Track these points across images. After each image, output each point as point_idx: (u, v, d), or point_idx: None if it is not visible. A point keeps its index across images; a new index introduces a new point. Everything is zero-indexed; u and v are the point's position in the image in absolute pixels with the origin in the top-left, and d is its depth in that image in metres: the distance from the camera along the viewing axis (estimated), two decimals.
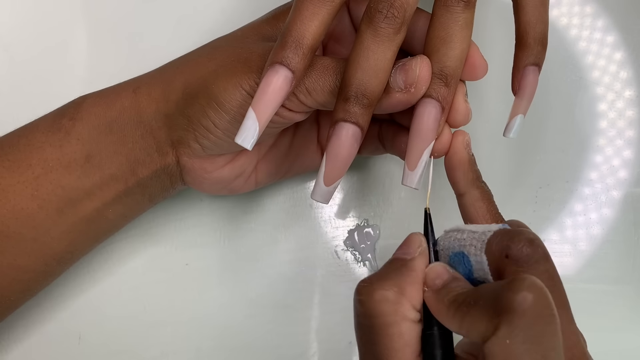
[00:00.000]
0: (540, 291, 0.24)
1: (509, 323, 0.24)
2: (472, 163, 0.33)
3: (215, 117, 0.33)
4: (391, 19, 0.29)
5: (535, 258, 0.26)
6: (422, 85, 0.30)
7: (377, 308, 0.28)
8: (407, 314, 0.28)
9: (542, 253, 0.27)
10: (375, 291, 0.28)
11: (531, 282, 0.24)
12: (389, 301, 0.28)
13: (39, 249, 0.35)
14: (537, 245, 0.27)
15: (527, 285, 0.24)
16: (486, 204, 0.32)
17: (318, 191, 0.31)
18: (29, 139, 0.35)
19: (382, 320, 0.27)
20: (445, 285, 0.28)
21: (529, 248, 0.26)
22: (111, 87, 0.36)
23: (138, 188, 0.36)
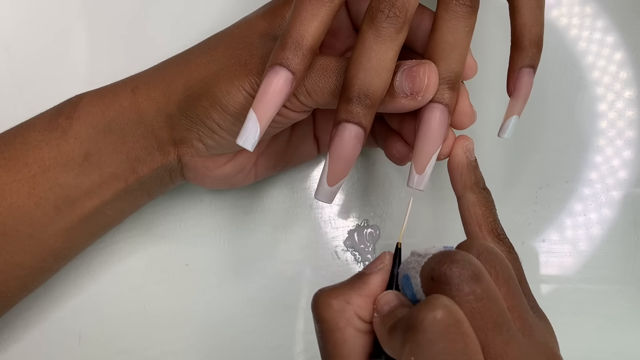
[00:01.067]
0: (446, 309, 0.25)
1: (412, 340, 0.25)
2: (471, 167, 0.33)
3: (219, 119, 0.33)
4: (393, 19, 0.29)
5: (459, 280, 0.26)
6: (429, 93, 0.30)
7: (323, 314, 0.29)
8: (352, 321, 0.29)
9: (469, 274, 0.26)
10: (324, 298, 0.29)
11: (439, 302, 0.25)
12: (333, 308, 0.29)
13: (35, 245, 0.35)
14: (462, 267, 0.26)
15: (433, 305, 0.25)
16: (482, 209, 0.32)
17: (321, 191, 0.31)
18: (25, 137, 0.35)
19: (327, 325, 0.29)
20: (390, 312, 0.28)
21: (451, 270, 0.26)
22: (108, 86, 0.36)
23: (138, 185, 0.36)
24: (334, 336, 0.29)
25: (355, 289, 0.30)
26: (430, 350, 0.24)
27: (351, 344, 0.29)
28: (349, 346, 0.29)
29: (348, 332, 0.29)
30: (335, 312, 0.29)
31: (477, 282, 0.26)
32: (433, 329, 0.24)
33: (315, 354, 0.41)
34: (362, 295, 0.29)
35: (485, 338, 0.26)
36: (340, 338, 0.29)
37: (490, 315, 0.26)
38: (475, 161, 0.33)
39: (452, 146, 0.33)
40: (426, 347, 0.24)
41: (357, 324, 0.29)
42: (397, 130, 0.35)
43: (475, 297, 0.26)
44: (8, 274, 0.35)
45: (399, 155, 0.35)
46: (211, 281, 0.41)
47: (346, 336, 0.29)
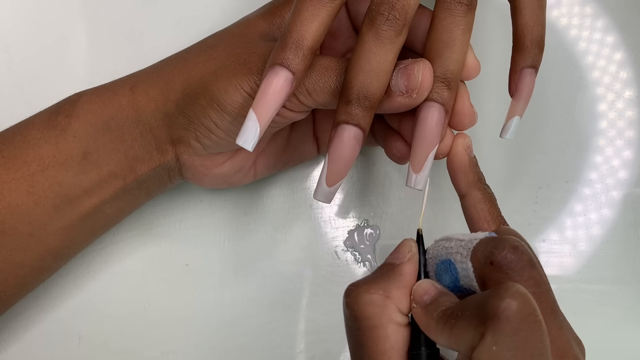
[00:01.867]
0: (524, 298, 0.25)
1: (494, 330, 0.24)
2: (473, 165, 0.33)
3: (217, 118, 0.33)
4: (393, 22, 0.29)
5: (520, 265, 0.27)
6: (424, 91, 0.30)
7: (363, 311, 0.28)
8: (393, 317, 0.28)
9: (526, 260, 0.27)
10: (362, 294, 0.28)
11: (515, 289, 0.25)
12: (375, 304, 0.28)
13: (34, 244, 0.35)
14: (522, 252, 0.27)
15: (512, 293, 0.25)
16: (488, 205, 0.32)
17: (320, 191, 0.31)
18: (24, 135, 0.35)
19: (368, 322, 0.28)
20: (433, 301, 0.28)
21: (512, 255, 0.27)
22: (107, 85, 0.36)
23: (136, 184, 0.36)
24: (376, 333, 0.28)
25: (392, 282, 0.29)
26: (513, 339, 0.24)
27: (393, 339, 0.28)
28: (391, 342, 0.28)
29: (390, 327, 0.28)
30: (377, 308, 0.28)
31: (534, 267, 0.27)
32: (517, 317, 0.24)
33: (315, 355, 0.41)
34: (401, 287, 0.29)
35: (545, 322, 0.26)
36: (383, 334, 0.28)
37: (547, 301, 0.27)
38: (475, 158, 0.33)
39: (450, 145, 0.33)
40: (510, 336, 0.24)
41: (398, 319, 0.28)
42: (396, 129, 0.35)
43: (535, 282, 0.26)
44: (7, 272, 0.35)
45: (399, 154, 0.35)
46: (211, 281, 0.41)
47: (389, 332, 0.28)
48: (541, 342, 0.25)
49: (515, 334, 0.24)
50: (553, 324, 0.27)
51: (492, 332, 0.24)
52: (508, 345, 0.24)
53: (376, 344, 0.28)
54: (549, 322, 0.26)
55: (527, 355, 0.24)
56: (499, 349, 0.24)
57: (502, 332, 0.24)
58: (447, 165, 0.33)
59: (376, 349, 0.28)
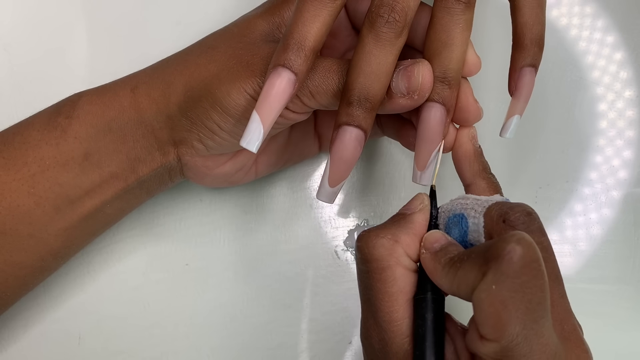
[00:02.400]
0: (529, 245, 0.25)
1: (496, 269, 0.25)
2: (478, 155, 0.33)
3: (220, 120, 0.33)
4: (392, 24, 0.29)
5: (531, 228, 0.27)
6: (425, 92, 0.31)
7: (372, 253, 0.29)
8: (401, 260, 0.30)
9: (538, 226, 0.28)
10: (372, 237, 0.30)
11: (521, 236, 0.25)
12: (384, 246, 0.29)
13: (35, 245, 0.35)
14: (534, 218, 0.28)
15: (518, 238, 0.25)
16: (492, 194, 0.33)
17: (323, 192, 0.32)
18: (24, 136, 0.35)
19: (376, 264, 0.29)
20: (442, 249, 0.29)
21: (526, 217, 0.28)
22: (107, 85, 0.36)
23: (137, 184, 0.36)
24: (384, 275, 0.29)
25: (402, 228, 0.30)
26: (514, 281, 0.25)
27: (401, 282, 0.29)
28: (399, 285, 0.29)
29: (398, 270, 0.29)
30: (385, 250, 0.29)
31: (543, 234, 0.28)
32: (520, 261, 0.25)
33: (316, 354, 0.41)
34: (410, 234, 0.30)
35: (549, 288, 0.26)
36: (391, 276, 0.29)
37: (552, 267, 0.27)
38: (480, 148, 0.34)
39: (454, 140, 0.33)
40: (511, 278, 0.25)
41: (406, 262, 0.30)
42: (409, 118, 0.36)
43: (543, 247, 0.27)
44: (8, 273, 0.35)
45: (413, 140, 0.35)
46: (211, 281, 0.41)
47: (397, 274, 0.29)
48: (542, 291, 0.25)
49: (517, 277, 0.25)
50: (556, 290, 0.27)
51: (494, 271, 0.25)
52: (508, 286, 0.25)
53: (384, 285, 0.29)
54: (553, 287, 0.27)
55: (525, 300, 0.25)
56: (499, 288, 0.25)
57: (504, 273, 0.25)
58: (452, 156, 0.34)
59: (384, 291, 0.29)
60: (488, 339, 0.25)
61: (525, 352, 0.25)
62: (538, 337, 0.25)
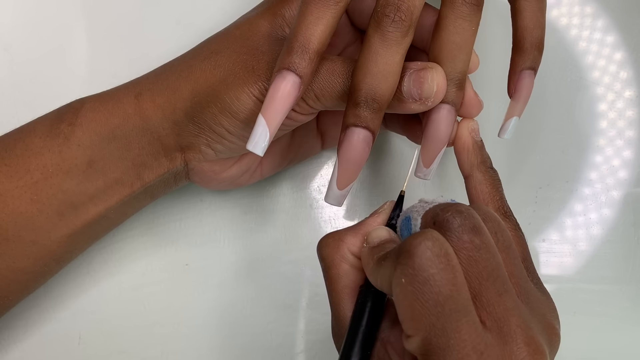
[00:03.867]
0: (436, 240, 0.26)
1: (404, 263, 0.26)
2: (477, 147, 0.33)
3: (229, 125, 0.33)
4: (399, 23, 0.29)
5: (461, 228, 0.27)
6: (439, 98, 0.31)
7: (322, 253, 0.32)
8: (345, 257, 0.31)
9: (469, 225, 0.27)
10: (323, 239, 0.32)
11: (431, 234, 0.26)
12: (329, 246, 0.31)
13: (38, 251, 0.35)
14: (465, 217, 0.27)
15: (425, 234, 0.26)
16: (489, 188, 0.33)
17: (331, 194, 0.32)
18: (26, 143, 0.34)
19: (324, 263, 0.32)
20: (380, 244, 0.30)
21: (454, 217, 0.27)
22: (109, 91, 0.36)
23: (143, 190, 0.36)
24: (331, 272, 0.31)
25: (350, 229, 0.32)
26: (420, 274, 0.25)
27: (345, 279, 0.31)
28: (343, 281, 0.31)
29: (342, 267, 0.31)
30: (331, 249, 0.31)
31: (476, 234, 0.27)
32: (424, 255, 0.25)
33: (316, 354, 0.41)
34: (357, 234, 0.32)
35: (479, 286, 0.26)
36: (336, 274, 0.31)
37: (485, 266, 0.27)
38: (481, 141, 0.34)
39: (455, 133, 0.34)
40: (417, 271, 0.25)
41: (350, 260, 0.31)
42: None
43: (473, 246, 0.27)
44: (10, 278, 0.35)
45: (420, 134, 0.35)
46: (211, 281, 0.41)
47: (340, 271, 0.31)
48: (452, 285, 0.25)
49: (423, 270, 0.25)
50: (491, 289, 0.27)
51: (402, 265, 0.26)
52: (415, 279, 0.25)
53: (331, 282, 0.31)
54: (486, 286, 0.26)
55: (434, 292, 0.25)
56: (407, 281, 0.25)
57: (411, 266, 0.25)
58: (454, 148, 0.34)
59: (331, 288, 0.31)
60: (409, 334, 0.26)
61: (443, 346, 0.25)
62: (454, 331, 0.25)
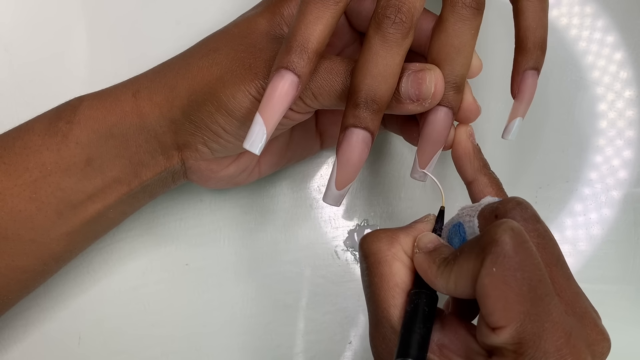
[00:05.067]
0: (517, 228, 0.26)
1: (494, 253, 0.25)
2: (477, 152, 0.34)
3: (225, 123, 0.33)
4: (399, 24, 0.29)
5: (524, 217, 0.28)
6: (436, 99, 0.31)
7: (371, 247, 0.30)
8: (399, 255, 0.30)
9: (530, 214, 0.28)
10: (372, 234, 0.31)
11: (508, 223, 0.26)
12: (382, 241, 0.30)
13: (37, 249, 0.35)
14: (526, 207, 0.28)
15: (505, 223, 0.26)
16: (495, 189, 0.33)
17: (330, 194, 0.32)
18: (24, 141, 0.34)
19: (374, 258, 0.30)
20: (436, 249, 0.30)
21: (516, 208, 0.28)
22: (107, 90, 0.36)
23: (140, 188, 0.36)
24: (382, 269, 0.30)
25: (402, 230, 0.31)
26: (512, 260, 0.25)
27: (397, 277, 0.30)
28: (395, 279, 0.30)
29: (395, 265, 0.30)
30: (383, 245, 0.30)
31: (538, 222, 0.28)
32: (512, 241, 0.25)
33: (315, 354, 0.41)
34: (409, 235, 0.31)
35: (551, 271, 0.27)
36: (388, 271, 0.30)
37: (552, 252, 0.28)
38: (478, 145, 0.34)
39: (453, 138, 0.34)
40: (508, 257, 0.25)
41: (403, 258, 0.30)
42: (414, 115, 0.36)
43: (539, 233, 0.28)
44: (9, 277, 0.35)
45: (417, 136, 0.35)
46: (211, 281, 0.41)
47: (394, 269, 0.30)
48: (539, 270, 0.26)
49: (514, 256, 0.25)
50: (560, 274, 0.28)
51: (492, 254, 0.25)
52: (508, 266, 0.25)
53: (381, 279, 0.30)
54: (555, 271, 0.27)
55: (526, 277, 0.25)
56: (499, 269, 0.25)
57: (501, 254, 0.25)
58: (452, 154, 0.34)
59: (381, 285, 0.30)
60: (499, 326, 0.25)
61: (538, 332, 0.25)
62: (547, 315, 0.25)
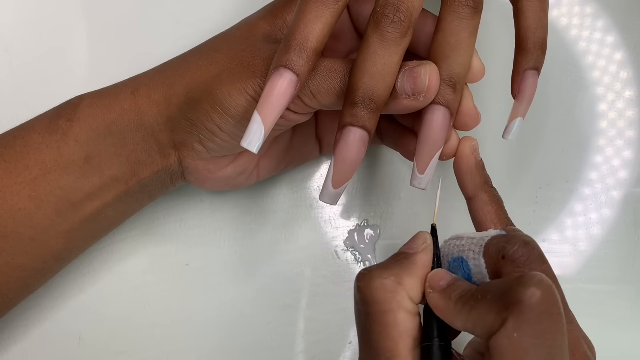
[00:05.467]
0: (549, 288, 0.25)
1: (517, 316, 0.24)
2: (479, 167, 0.33)
3: (221, 122, 0.33)
4: (398, 23, 0.29)
5: (532, 259, 0.27)
6: (431, 94, 0.31)
7: (374, 295, 0.28)
8: (404, 303, 0.28)
9: (537, 254, 0.27)
10: (374, 279, 0.28)
11: (540, 278, 0.25)
12: (386, 288, 0.28)
13: (37, 247, 0.35)
14: (533, 247, 0.27)
15: (537, 281, 0.25)
16: (495, 207, 0.33)
17: (326, 193, 0.31)
18: (25, 139, 0.35)
19: (378, 307, 0.28)
20: (450, 285, 0.28)
21: (524, 249, 0.27)
22: (108, 88, 0.36)
23: (139, 187, 0.36)
24: (386, 318, 0.28)
25: (404, 269, 0.29)
26: (535, 327, 0.24)
27: (402, 326, 0.28)
28: (400, 329, 0.28)
29: (400, 314, 0.28)
30: (388, 293, 0.28)
31: (545, 262, 0.27)
32: (541, 307, 0.24)
33: (315, 355, 0.41)
34: (414, 275, 0.29)
35: None
36: (392, 320, 0.28)
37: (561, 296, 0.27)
38: (482, 160, 0.33)
39: (456, 147, 0.33)
40: (532, 324, 0.24)
41: (408, 306, 0.28)
42: (410, 127, 0.36)
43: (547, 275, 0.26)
44: (9, 275, 0.35)
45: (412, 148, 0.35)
46: (211, 281, 0.41)
47: (398, 318, 0.28)
48: (562, 335, 0.25)
49: (538, 323, 0.24)
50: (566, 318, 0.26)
51: (515, 318, 0.24)
52: (530, 333, 0.24)
53: (385, 329, 0.28)
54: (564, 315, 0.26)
55: (546, 345, 0.24)
56: (520, 335, 0.24)
57: (525, 320, 0.24)
58: (454, 168, 0.34)
59: (384, 335, 0.28)
60: None
61: None
62: None
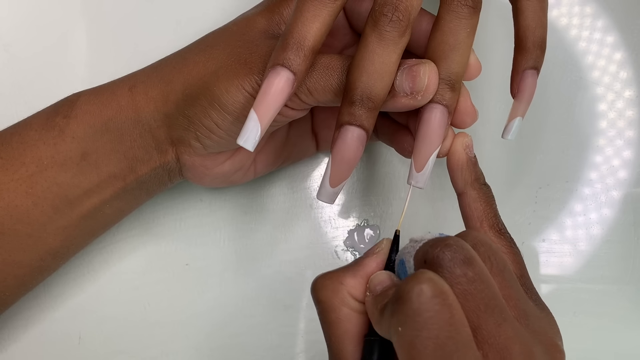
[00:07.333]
0: (429, 280, 0.25)
1: (399, 311, 0.25)
2: (471, 164, 0.33)
3: (218, 118, 0.33)
4: (396, 23, 0.29)
5: (452, 263, 0.26)
6: (429, 93, 0.31)
7: (318, 295, 0.30)
8: (346, 301, 0.29)
9: (460, 258, 0.26)
10: (319, 280, 0.30)
11: (424, 275, 0.25)
12: (328, 288, 0.30)
13: (34, 244, 0.35)
14: (455, 251, 0.27)
15: (418, 277, 0.25)
16: (483, 205, 0.32)
17: (324, 192, 0.31)
18: (22, 136, 0.35)
19: (322, 306, 0.30)
20: (383, 292, 0.29)
21: (444, 252, 0.26)
22: (105, 85, 0.36)
23: (136, 184, 0.36)
24: (330, 316, 0.29)
25: (349, 271, 0.30)
26: (416, 320, 0.25)
27: (346, 323, 0.29)
28: (344, 325, 0.29)
29: (343, 311, 0.29)
30: (329, 292, 0.30)
31: (468, 265, 0.26)
32: (419, 299, 0.25)
33: (315, 354, 0.41)
34: (356, 276, 0.30)
35: (478, 320, 0.26)
36: (336, 318, 0.29)
37: (482, 298, 0.26)
38: (475, 158, 0.33)
39: (451, 144, 0.33)
40: (412, 317, 0.25)
41: (351, 304, 0.29)
42: (405, 124, 0.36)
43: (467, 279, 0.26)
44: (7, 272, 0.35)
45: (410, 148, 0.35)
46: (211, 281, 0.41)
47: (341, 316, 0.29)
48: (449, 325, 0.25)
49: (418, 315, 0.24)
50: (489, 321, 0.26)
51: (397, 314, 0.25)
52: (411, 326, 0.25)
53: (330, 327, 0.29)
54: (484, 319, 0.26)
55: (431, 336, 0.24)
56: (403, 329, 0.25)
57: (405, 314, 0.25)
58: (447, 164, 0.34)
59: (331, 332, 0.29)
60: None
61: None
62: None
